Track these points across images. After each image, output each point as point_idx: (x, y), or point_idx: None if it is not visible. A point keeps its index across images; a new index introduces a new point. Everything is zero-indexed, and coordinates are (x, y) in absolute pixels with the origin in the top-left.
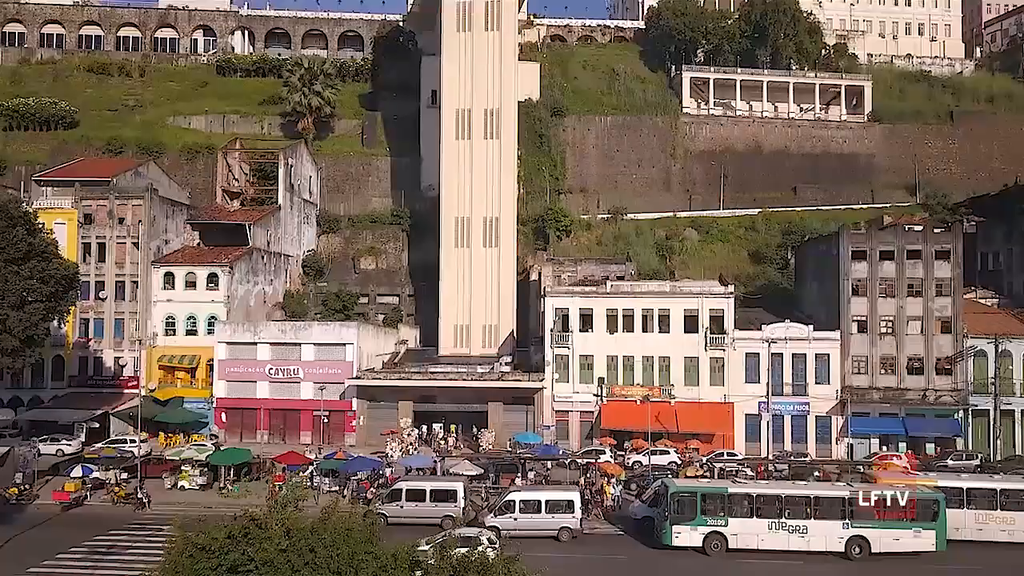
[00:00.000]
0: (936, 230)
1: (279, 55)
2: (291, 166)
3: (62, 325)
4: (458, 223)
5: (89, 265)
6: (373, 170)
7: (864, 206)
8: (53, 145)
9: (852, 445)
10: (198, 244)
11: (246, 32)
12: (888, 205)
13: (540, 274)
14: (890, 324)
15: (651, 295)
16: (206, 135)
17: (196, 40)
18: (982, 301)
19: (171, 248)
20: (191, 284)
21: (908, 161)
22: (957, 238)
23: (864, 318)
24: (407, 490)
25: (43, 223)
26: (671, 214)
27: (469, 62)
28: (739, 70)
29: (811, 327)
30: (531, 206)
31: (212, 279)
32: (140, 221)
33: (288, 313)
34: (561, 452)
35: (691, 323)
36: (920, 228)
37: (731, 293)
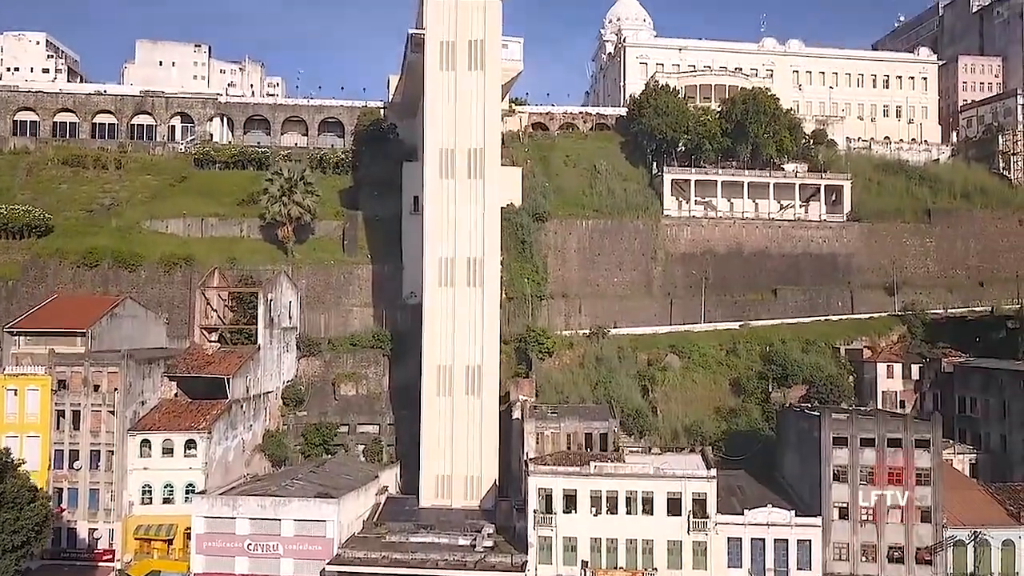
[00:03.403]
0: (915, 372)
1: (258, 144)
2: (271, 300)
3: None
4: (440, 371)
5: (63, 432)
6: (354, 279)
7: (843, 316)
8: (27, 257)
9: None
10: (176, 395)
11: (225, 119)
12: (867, 317)
13: (523, 412)
14: (870, 512)
15: (635, 477)
16: (183, 240)
17: (174, 127)
18: (960, 458)
19: (148, 407)
20: (168, 451)
21: (887, 260)
22: (937, 427)
23: (845, 504)
24: None
25: (15, 458)
26: (652, 332)
27: (452, 208)
28: (720, 171)
29: (792, 512)
30: (513, 323)
31: (190, 444)
32: (116, 389)
33: (268, 455)
34: None
35: (674, 505)
36: (901, 417)
37: (713, 476)
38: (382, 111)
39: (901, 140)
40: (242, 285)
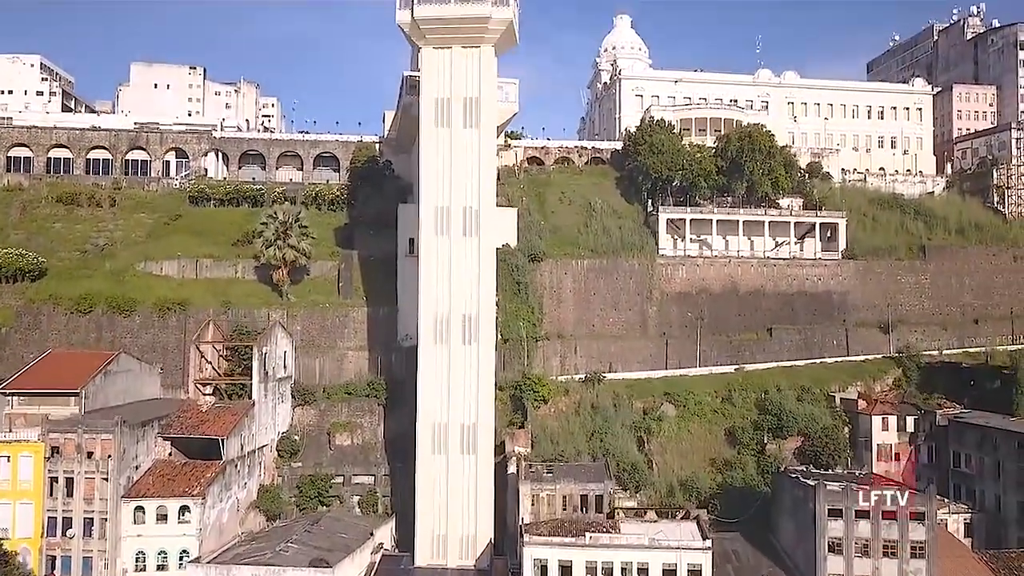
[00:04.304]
0: (909, 424)
1: (253, 180)
2: (265, 354)
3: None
4: (435, 428)
5: (56, 500)
6: (349, 321)
7: (838, 359)
8: (20, 302)
9: None
10: (170, 454)
11: (219, 154)
12: (862, 359)
13: (518, 469)
14: None
15: (630, 548)
16: (178, 282)
17: (168, 162)
18: (955, 518)
19: (142, 469)
20: (162, 517)
21: (881, 298)
22: (931, 501)
23: None
24: None
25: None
26: (647, 376)
27: (447, 265)
28: (715, 209)
29: None
30: (509, 366)
31: (184, 509)
32: (109, 456)
33: (263, 511)
34: None
35: None
36: (896, 494)
37: (708, 547)
38: (377, 146)
39: (896, 171)
40: (237, 334)
